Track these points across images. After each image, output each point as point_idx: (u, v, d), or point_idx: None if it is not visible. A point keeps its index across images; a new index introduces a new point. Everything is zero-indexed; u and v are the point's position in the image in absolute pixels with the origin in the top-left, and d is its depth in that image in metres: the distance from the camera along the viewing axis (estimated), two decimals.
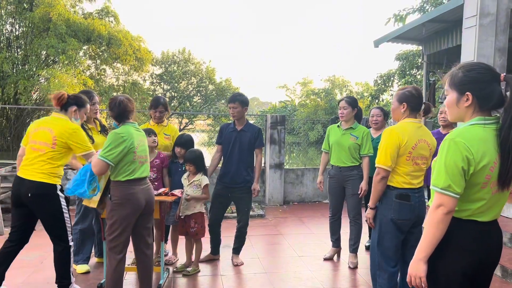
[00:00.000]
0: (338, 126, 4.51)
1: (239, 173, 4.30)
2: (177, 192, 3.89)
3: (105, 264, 3.72)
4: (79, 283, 3.73)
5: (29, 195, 3.21)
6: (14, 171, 5.83)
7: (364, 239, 4.87)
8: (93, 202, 3.26)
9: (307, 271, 4.29)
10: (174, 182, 4.25)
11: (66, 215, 3.35)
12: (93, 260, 4.36)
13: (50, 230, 3.35)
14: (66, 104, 3.37)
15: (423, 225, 1.89)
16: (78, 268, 4.06)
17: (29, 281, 3.76)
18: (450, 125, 4.50)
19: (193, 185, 4.06)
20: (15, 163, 6.18)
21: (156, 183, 4.07)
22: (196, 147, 4.49)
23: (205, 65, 28.67)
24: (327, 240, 4.84)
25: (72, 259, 3.44)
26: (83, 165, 3.42)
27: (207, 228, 4.32)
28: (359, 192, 4.27)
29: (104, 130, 4.19)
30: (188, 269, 4.14)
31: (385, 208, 2.99)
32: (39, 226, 3.38)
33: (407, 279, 1.88)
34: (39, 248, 4.69)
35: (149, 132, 4.05)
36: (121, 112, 3.17)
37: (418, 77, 15.87)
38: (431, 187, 1.84)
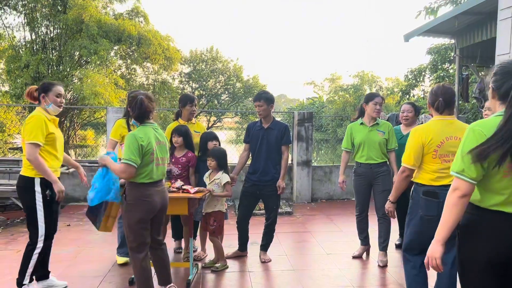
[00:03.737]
0: (362, 123, 4.45)
1: (268, 171, 4.32)
2: (188, 187, 3.82)
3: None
4: (116, 277, 3.84)
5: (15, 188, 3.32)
6: None
7: (394, 237, 4.79)
8: (108, 228, 3.39)
9: (336, 269, 4.26)
10: (201, 180, 4.30)
11: (39, 213, 3.24)
12: None
13: (26, 224, 3.33)
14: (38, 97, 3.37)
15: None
16: (119, 260, 4.22)
17: (65, 274, 3.90)
18: None
19: (214, 183, 4.09)
20: None
21: (179, 180, 4.08)
22: (223, 144, 4.54)
23: (232, 63, 28.86)
24: (356, 238, 4.79)
25: (49, 260, 3.51)
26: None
27: (228, 227, 4.32)
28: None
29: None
30: (217, 265, 4.19)
31: (415, 204, 3.03)
32: (72, 222, 3.49)
33: (425, 261, 1.97)
34: (73, 242, 4.88)
35: (174, 131, 4.23)
36: (141, 113, 3.13)
37: (451, 71, 15.40)
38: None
